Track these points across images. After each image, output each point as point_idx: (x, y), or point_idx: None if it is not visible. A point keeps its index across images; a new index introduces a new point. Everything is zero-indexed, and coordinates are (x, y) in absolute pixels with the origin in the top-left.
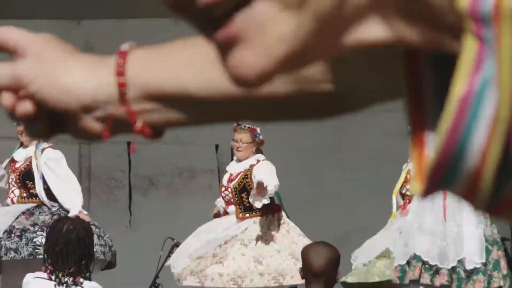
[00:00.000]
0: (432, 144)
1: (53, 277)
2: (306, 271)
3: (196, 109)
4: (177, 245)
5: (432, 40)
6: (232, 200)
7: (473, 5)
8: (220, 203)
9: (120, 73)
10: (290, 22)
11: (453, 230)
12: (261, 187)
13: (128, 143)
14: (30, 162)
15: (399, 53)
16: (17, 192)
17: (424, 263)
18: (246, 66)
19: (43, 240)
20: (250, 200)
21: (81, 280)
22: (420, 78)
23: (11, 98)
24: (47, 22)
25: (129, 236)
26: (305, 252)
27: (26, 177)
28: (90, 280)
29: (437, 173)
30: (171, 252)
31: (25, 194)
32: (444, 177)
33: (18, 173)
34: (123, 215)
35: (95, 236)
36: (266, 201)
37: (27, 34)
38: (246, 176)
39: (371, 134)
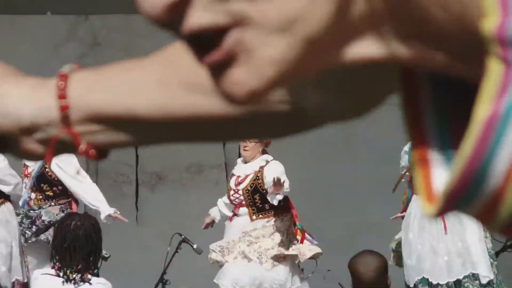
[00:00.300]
0: (443, 165)
1: (61, 274)
2: (357, 283)
3: (143, 130)
4: (184, 240)
5: (428, 59)
6: (244, 202)
7: (500, 29)
8: (214, 212)
9: (62, 96)
10: (279, 45)
11: (457, 244)
12: (279, 183)
13: None
14: (43, 165)
15: (391, 71)
16: (33, 195)
17: (430, 285)
18: (237, 85)
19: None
20: (268, 198)
21: (89, 276)
22: (416, 95)
23: None
24: (55, 17)
25: (136, 232)
26: (352, 265)
27: (40, 180)
28: (98, 276)
29: (456, 195)
30: (178, 248)
31: (40, 197)
32: (462, 198)
33: (31, 177)
34: (130, 211)
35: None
36: (280, 197)
37: None
38: (257, 178)
39: (382, 130)
